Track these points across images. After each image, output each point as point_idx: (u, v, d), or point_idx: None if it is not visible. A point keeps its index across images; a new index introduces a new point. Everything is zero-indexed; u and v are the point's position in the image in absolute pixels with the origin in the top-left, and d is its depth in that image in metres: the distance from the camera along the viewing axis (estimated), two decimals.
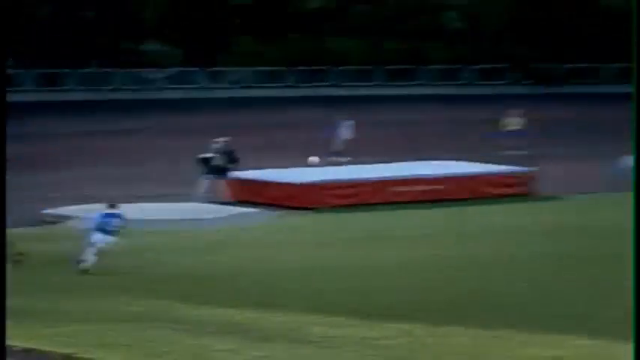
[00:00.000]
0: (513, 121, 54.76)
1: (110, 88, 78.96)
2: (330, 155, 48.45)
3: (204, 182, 39.22)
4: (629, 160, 44.39)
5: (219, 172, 39.46)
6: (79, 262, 27.56)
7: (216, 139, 40.57)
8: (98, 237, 27.58)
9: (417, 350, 21.71)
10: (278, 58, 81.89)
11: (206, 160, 39.54)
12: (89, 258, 27.51)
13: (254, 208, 37.66)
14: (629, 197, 40.05)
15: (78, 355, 18.31)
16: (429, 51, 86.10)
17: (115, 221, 28.19)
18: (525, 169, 42.52)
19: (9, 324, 15.84)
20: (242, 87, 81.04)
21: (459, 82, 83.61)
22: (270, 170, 41.26)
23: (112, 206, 28.56)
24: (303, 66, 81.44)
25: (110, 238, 27.97)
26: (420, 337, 22.67)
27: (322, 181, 39.40)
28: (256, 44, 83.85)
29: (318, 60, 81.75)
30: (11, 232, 17.81)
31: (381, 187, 39.74)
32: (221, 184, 39.44)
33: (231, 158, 39.90)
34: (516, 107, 56.02)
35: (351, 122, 52.08)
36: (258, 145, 50.23)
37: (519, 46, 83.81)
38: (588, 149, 52.17)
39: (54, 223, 35.46)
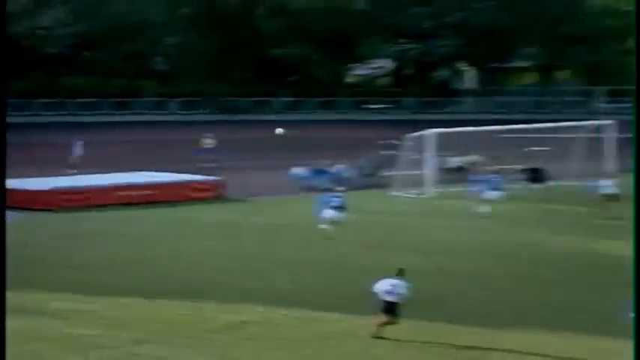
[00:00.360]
0: (208, 142, 55.22)
1: None
2: (67, 168, 47.59)
3: None
4: (298, 170, 45.33)
5: None
6: None
7: None
8: None
9: (134, 318, 21.64)
10: (24, 91, 79.74)
11: None
12: None
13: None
14: (303, 198, 41.07)
15: None
16: (143, 87, 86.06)
17: None
18: (217, 178, 42.76)
19: None
20: None
21: (167, 112, 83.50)
22: (17, 180, 40.11)
23: None
24: (44, 98, 79.73)
25: None
26: (137, 309, 22.55)
27: (58, 187, 38.68)
28: None
29: (57, 93, 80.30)
30: None
31: (108, 192, 39.27)
32: None
33: None
34: (210, 131, 56.47)
35: (82, 142, 51.80)
36: (8, 160, 48.56)
37: (212, 84, 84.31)
38: (266, 162, 52.85)
39: None
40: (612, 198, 37.39)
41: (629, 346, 18.72)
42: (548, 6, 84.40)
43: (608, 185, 37.90)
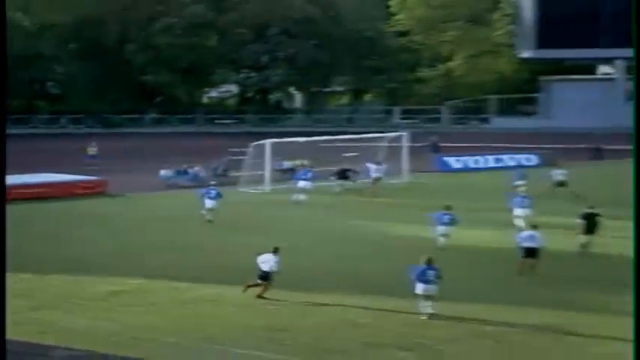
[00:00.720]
0: (93, 149, 54.20)
1: None
2: None
3: None
4: (164, 172, 44.77)
5: None
6: None
7: None
8: None
9: (30, 289, 21.23)
10: None
11: None
12: None
13: None
14: (169, 194, 40.55)
15: None
16: (39, 106, 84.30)
17: None
18: (100, 177, 41.99)
19: None
20: None
21: (58, 126, 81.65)
22: None
23: None
24: None
25: None
26: (33, 282, 22.08)
27: None
28: None
29: None
30: None
31: (10, 190, 37.77)
32: None
33: None
34: (93, 141, 55.47)
35: None
36: None
37: (95, 103, 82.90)
38: (139, 165, 52.12)
39: None
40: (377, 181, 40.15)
41: (413, 303, 19.32)
42: (357, 44, 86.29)
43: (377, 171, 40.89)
